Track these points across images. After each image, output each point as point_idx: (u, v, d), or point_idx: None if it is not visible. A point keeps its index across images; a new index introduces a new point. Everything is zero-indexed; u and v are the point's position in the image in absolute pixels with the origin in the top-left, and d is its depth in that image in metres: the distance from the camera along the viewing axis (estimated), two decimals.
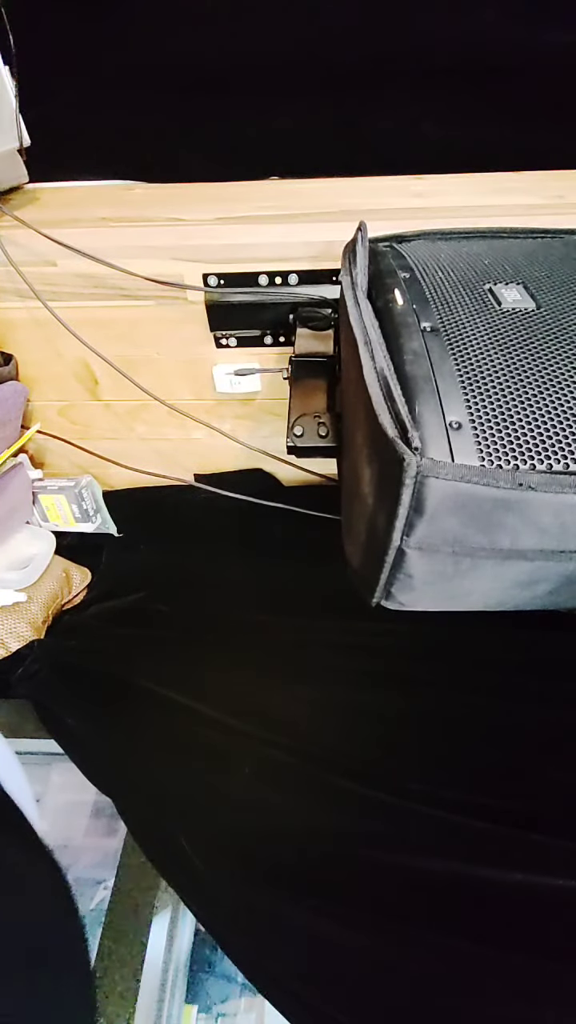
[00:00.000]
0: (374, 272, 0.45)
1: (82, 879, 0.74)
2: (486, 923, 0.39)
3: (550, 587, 0.39)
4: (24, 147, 0.66)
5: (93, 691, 0.65)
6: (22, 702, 0.68)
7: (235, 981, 0.63)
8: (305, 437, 0.55)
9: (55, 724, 0.63)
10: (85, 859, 0.75)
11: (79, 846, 0.77)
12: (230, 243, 0.63)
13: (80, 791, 0.77)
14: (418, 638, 0.64)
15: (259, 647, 0.68)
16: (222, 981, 0.63)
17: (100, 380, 0.76)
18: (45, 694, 0.65)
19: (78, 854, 0.76)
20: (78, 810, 0.79)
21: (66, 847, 0.77)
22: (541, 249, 0.49)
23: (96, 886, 0.72)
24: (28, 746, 0.82)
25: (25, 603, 0.73)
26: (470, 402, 0.34)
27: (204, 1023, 0.61)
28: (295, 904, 0.43)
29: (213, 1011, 0.62)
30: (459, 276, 0.44)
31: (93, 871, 0.74)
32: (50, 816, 0.80)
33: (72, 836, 0.78)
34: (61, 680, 0.66)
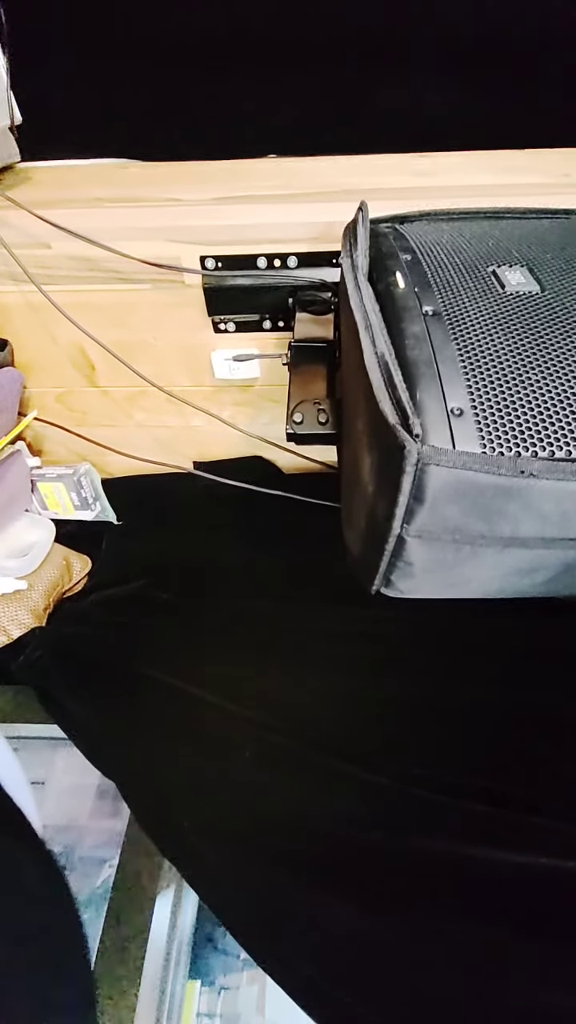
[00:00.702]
0: (375, 254, 0.44)
1: (87, 859, 0.75)
2: (487, 905, 0.40)
3: (550, 575, 0.38)
4: (16, 124, 0.64)
5: (94, 677, 0.65)
6: (24, 688, 0.69)
7: (237, 956, 0.65)
8: (305, 424, 0.54)
9: (57, 710, 0.63)
10: (90, 839, 0.77)
11: (84, 827, 0.78)
12: (228, 224, 0.61)
13: (84, 774, 0.78)
14: (417, 625, 0.64)
15: (258, 634, 0.68)
16: (224, 956, 0.65)
17: (97, 366, 0.75)
18: (47, 680, 0.66)
19: (83, 835, 0.77)
20: (82, 792, 0.81)
21: (71, 828, 0.78)
22: (547, 230, 0.48)
23: (101, 865, 0.74)
24: (32, 731, 0.83)
25: (26, 591, 0.73)
26: (472, 388, 0.34)
27: (207, 996, 0.63)
28: (296, 884, 0.44)
29: (216, 984, 0.64)
30: (462, 258, 0.43)
31: (98, 851, 0.75)
32: (55, 798, 0.82)
33: (77, 817, 0.79)
34: (62, 666, 0.66)
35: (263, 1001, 0.62)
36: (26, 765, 0.88)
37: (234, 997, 0.63)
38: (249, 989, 0.63)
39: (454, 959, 0.38)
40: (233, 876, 0.46)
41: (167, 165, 0.72)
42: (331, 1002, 0.38)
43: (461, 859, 0.42)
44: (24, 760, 0.87)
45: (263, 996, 0.63)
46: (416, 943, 0.39)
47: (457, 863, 0.42)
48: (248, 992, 0.63)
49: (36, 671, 0.67)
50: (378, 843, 0.45)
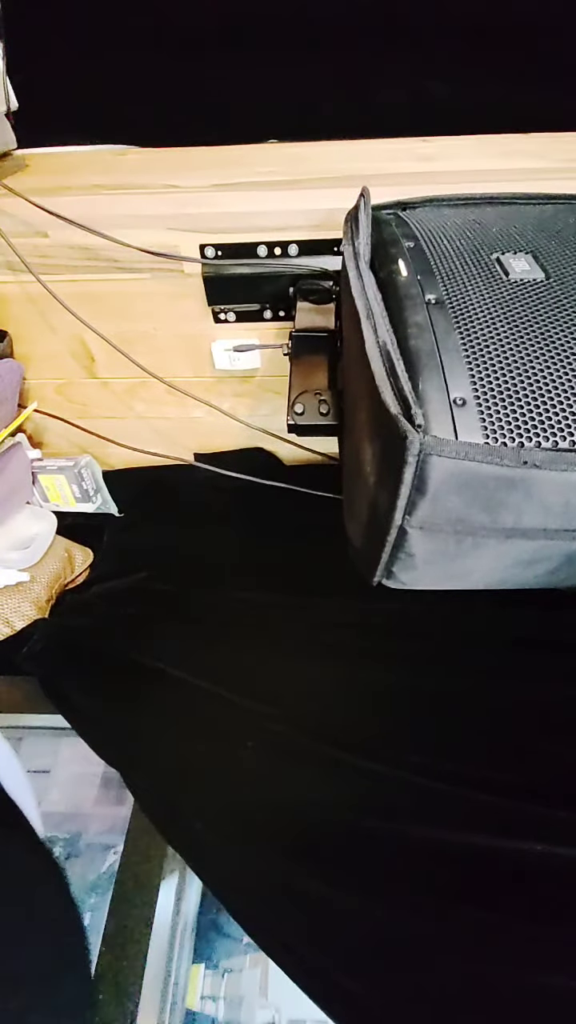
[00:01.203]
0: (377, 241, 0.44)
1: (93, 845, 0.76)
2: (487, 891, 0.41)
3: (552, 566, 0.38)
4: (12, 111, 0.63)
5: (96, 668, 0.66)
6: (29, 678, 0.69)
7: (240, 940, 0.66)
8: (306, 415, 0.54)
9: (61, 700, 0.64)
10: (95, 826, 0.78)
11: (89, 814, 0.79)
12: (227, 211, 0.60)
13: (89, 763, 0.79)
14: (419, 616, 0.65)
15: (259, 625, 0.68)
16: (228, 940, 0.67)
17: (97, 357, 0.75)
18: (50, 671, 0.66)
19: (88, 822, 0.79)
20: (87, 781, 0.82)
21: (76, 815, 0.80)
22: (552, 216, 0.47)
23: (106, 851, 0.75)
24: (37, 720, 0.84)
25: (28, 583, 0.74)
26: (475, 378, 0.33)
27: (211, 979, 0.64)
28: (297, 870, 0.45)
29: (220, 967, 0.65)
30: (466, 245, 0.42)
31: (103, 837, 0.76)
32: (60, 787, 0.83)
33: (82, 805, 0.80)
34: (65, 658, 0.67)
35: (266, 983, 0.64)
36: (31, 754, 0.89)
37: (237, 979, 0.64)
38: (252, 972, 0.65)
39: (453, 944, 0.39)
40: (235, 862, 0.47)
41: (165, 151, 0.71)
42: (331, 985, 0.39)
43: (460, 846, 0.42)
44: (29, 749, 0.88)
45: (266, 978, 0.64)
46: (415, 928, 0.40)
47: (456, 850, 0.42)
48: (251, 975, 0.64)
49: (39, 662, 0.67)
50: (377, 830, 0.46)
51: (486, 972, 0.37)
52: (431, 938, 0.39)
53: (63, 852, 0.76)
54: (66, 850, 0.76)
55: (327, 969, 0.39)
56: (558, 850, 0.41)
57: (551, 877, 0.40)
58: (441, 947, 0.39)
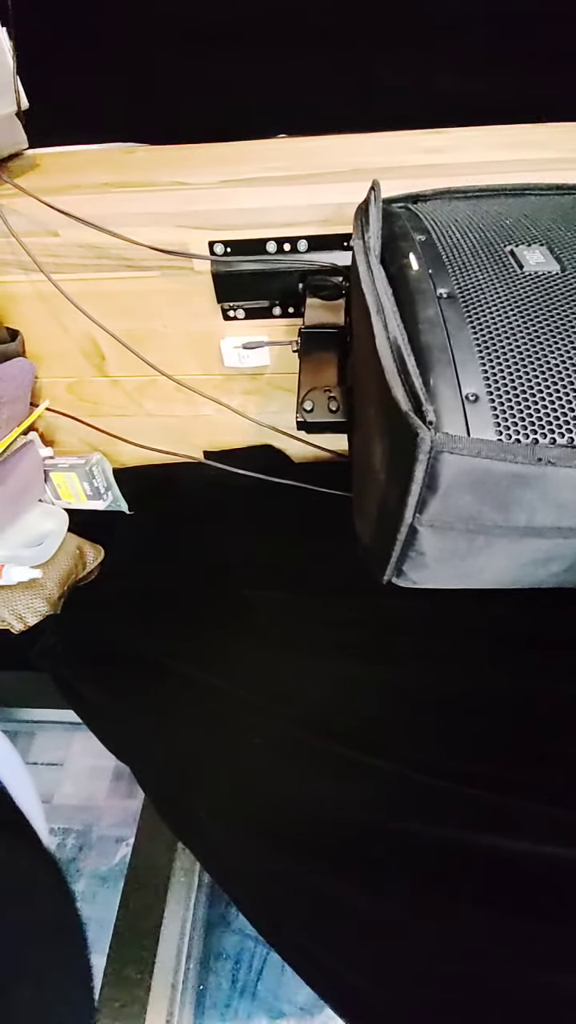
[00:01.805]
0: (388, 235, 0.43)
1: (104, 837, 0.78)
2: (489, 889, 0.40)
3: (566, 564, 0.38)
4: (23, 111, 0.63)
5: (107, 664, 0.66)
6: (42, 674, 0.70)
7: (251, 936, 0.67)
8: (315, 412, 0.54)
9: (73, 695, 0.65)
10: (107, 819, 0.79)
11: (101, 807, 0.80)
12: (236, 207, 0.60)
13: (101, 757, 0.81)
14: (428, 614, 0.64)
15: (268, 622, 0.68)
16: (238, 936, 0.67)
17: (107, 355, 0.75)
18: (62, 667, 0.67)
19: (100, 814, 0.80)
20: (99, 774, 0.83)
21: (88, 808, 0.81)
22: (566, 207, 0.46)
23: (117, 844, 0.76)
24: (50, 715, 0.86)
25: (40, 579, 0.74)
26: (488, 373, 0.33)
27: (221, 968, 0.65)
28: (303, 867, 0.45)
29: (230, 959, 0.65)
30: (478, 238, 0.41)
31: (115, 830, 0.78)
32: (73, 780, 0.84)
33: (94, 798, 0.81)
34: (77, 654, 0.68)
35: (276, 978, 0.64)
36: (44, 748, 0.90)
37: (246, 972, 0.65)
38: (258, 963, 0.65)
39: (459, 942, 0.39)
40: (243, 857, 0.47)
41: (174, 148, 0.71)
42: (337, 980, 0.39)
43: (463, 843, 0.42)
44: (42, 743, 0.90)
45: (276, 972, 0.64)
46: (418, 925, 0.40)
47: (459, 847, 0.42)
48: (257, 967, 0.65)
49: (52, 658, 0.68)
50: (384, 828, 0.46)
51: (492, 970, 0.36)
52: (436, 936, 0.39)
53: (75, 844, 0.77)
54: (78, 842, 0.77)
55: (333, 965, 0.39)
56: (564, 850, 0.40)
57: (556, 876, 0.40)
58: (446, 945, 0.38)
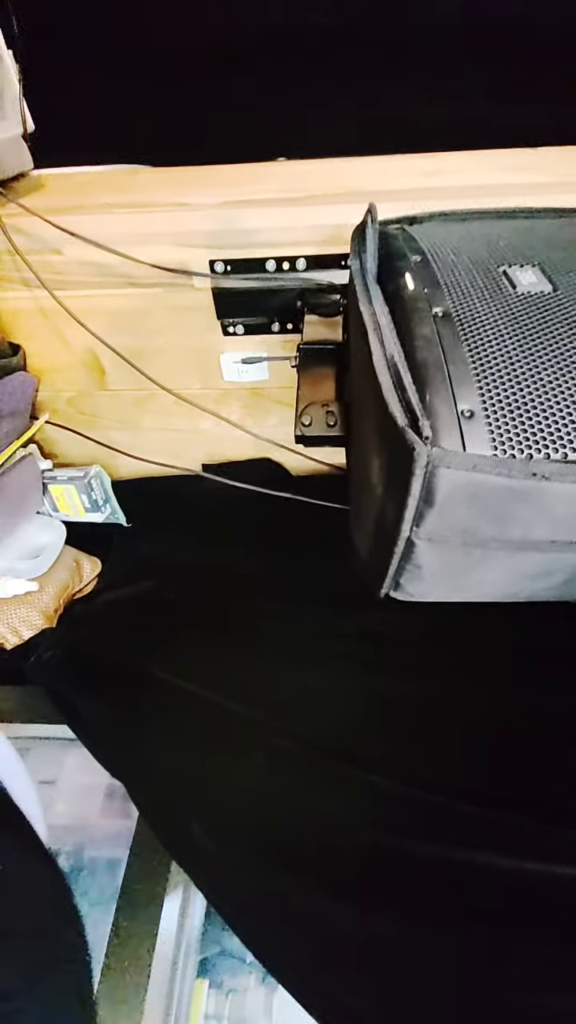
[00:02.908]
0: (384, 256, 0.44)
1: (97, 858, 0.76)
2: (492, 910, 0.40)
3: (563, 578, 0.38)
4: (28, 132, 0.65)
5: (104, 679, 0.66)
6: (36, 688, 0.70)
7: (245, 959, 0.65)
8: (313, 426, 0.54)
9: (67, 710, 0.64)
10: (100, 839, 0.77)
11: (94, 826, 0.79)
12: (236, 228, 0.61)
13: (94, 774, 0.79)
14: (426, 627, 0.64)
15: (267, 636, 0.68)
16: (233, 960, 0.65)
17: (107, 370, 0.76)
18: (58, 681, 0.66)
19: (93, 834, 0.78)
20: (92, 792, 0.81)
21: (81, 828, 0.79)
22: (558, 229, 0.48)
23: (110, 865, 0.74)
24: (43, 731, 0.84)
25: (37, 592, 0.74)
26: (483, 389, 0.33)
27: (215, 998, 0.63)
28: (300, 887, 0.44)
29: (224, 986, 0.63)
30: (472, 259, 0.42)
31: (107, 850, 0.76)
32: (65, 798, 0.82)
33: (87, 817, 0.80)
34: (73, 667, 0.67)
35: (271, 1004, 0.62)
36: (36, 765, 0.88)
37: (242, 1000, 0.63)
38: (257, 992, 0.63)
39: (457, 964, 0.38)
40: (238, 878, 0.46)
41: (176, 170, 0.72)
42: (334, 1004, 0.38)
43: (462, 864, 0.42)
44: (34, 760, 0.88)
45: (271, 999, 0.62)
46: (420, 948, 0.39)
47: (461, 868, 0.41)
48: (256, 995, 0.63)
49: (47, 672, 0.67)
50: (383, 847, 0.45)
51: (491, 993, 0.36)
52: (435, 958, 0.38)
53: (67, 865, 0.75)
54: (70, 863, 0.75)
55: (331, 989, 0.38)
56: (565, 869, 0.40)
57: (558, 897, 0.39)
58: (445, 967, 0.38)
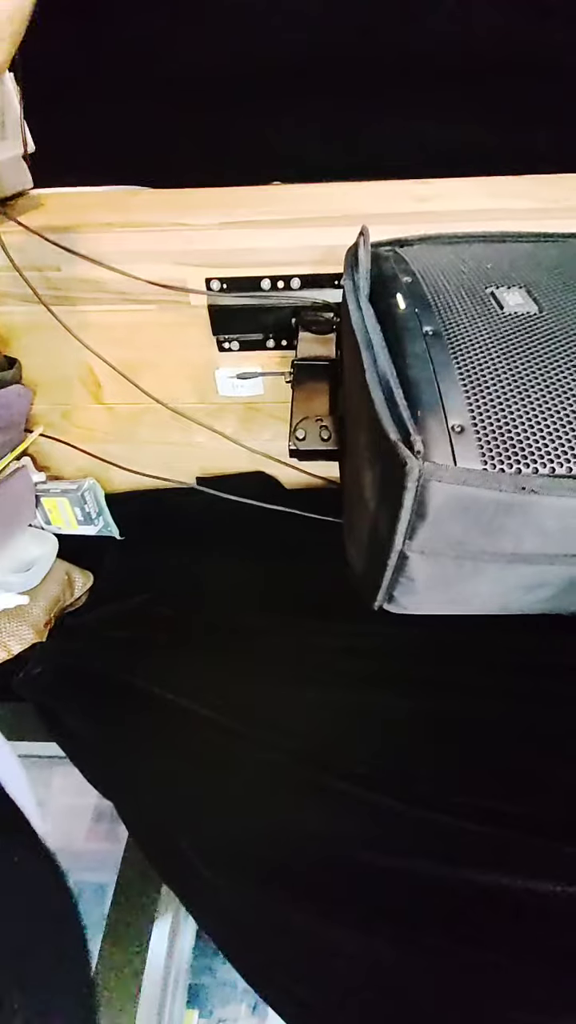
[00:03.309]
0: (376, 276, 0.46)
1: (83, 883, 0.73)
2: (490, 929, 0.39)
3: (553, 591, 0.38)
4: (29, 153, 0.66)
5: (95, 694, 0.65)
6: (23, 704, 0.68)
7: (236, 987, 0.63)
8: (307, 440, 0.55)
9: (57, 727, 0.63)
10: (87, 864, 0.75)
11: (80, 850, 0.76)
12: (233, 248, 0.63)
13: (81, 795, 0.77)
14: (420, 641, 0.64)
15: (261, 650, 0.68)
16: (223, 987, 0.63)
17: (103, 384, 0.77)
18: (47, 697, 0.65)
19: (79, 858, 0.76)
20: (79, 814, 0.79)
21: (67, 851, 0.77)
22: (542, 253, 0.49)
23: (97, 890, 0.72)
24: (29, 749, 0.82)
25: (27, 606, 0.73)
26: (472, 406, 0.34)
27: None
28: (297, 909, 0.43)
29: (214, 1016, 0.61)
30: (461, 280, 0.44)
31: (94, 875, 0.73)
32: (51, 820, 0.80)
33: (73, 840, 0.77)
34: (63, 683, 0.66)
35: None
36: None
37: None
38: (248, 1022, 0.61)
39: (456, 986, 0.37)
40: (231, 898, 0.45)
41: (174, 192, 0.74)
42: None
43: (463, 882, 0.41)
44: None
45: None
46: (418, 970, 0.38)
47: (459, 886, 0.41)
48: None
49: (36, 687, 0.66)
50: (379, 866, 0.44)
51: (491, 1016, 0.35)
52: (434, 980, 0.37)
53: None
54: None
55: (328, 1013, 0.37)
56: (564, 888, 0.39)
57: (557, 916, 0.38)
58: (444, 990, 0.37)
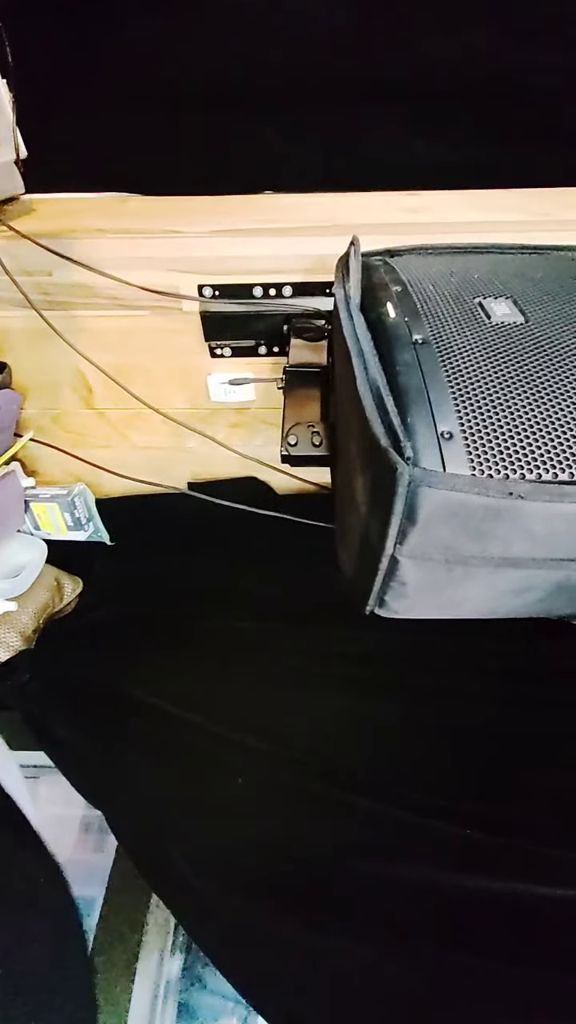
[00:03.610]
0: (367, 285, 0.46)
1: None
2: (482, 934, 0.39)
3: (541, 595, 0.39)
4: (21, 158, 0.67)
5: (84, 701, 0.64)
6: (9, 713, 0.67)
7: (228, 998, 0.62)
8: (299, 446, 0.55)
9: (44, 735, 0.62)
10: (74, 875, 0.73)
11: (67, 862, 0.75)
12: (225, 255, 0.63)
13: (68, 805, 0.76)
14: (412, 646, 0.64)
15: (252, 656, 0.67)
16: (214, 998, 0.62)
17: (94, 388, 0.76)
18: (35, 705, 0.64)
19: (66, 870, 0.74)
20: (66, 825, 0.78)
21: None
22: (529, 264, 0.51)
23: (85, 904, 0.71)
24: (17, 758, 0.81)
25: (15, 612, 0.72)
26: (461, 413, 0.35)
27: None
28: (289, 918, 0.43)
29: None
30: (450, 290, 0.45)
31: (82, 888, 0.72)
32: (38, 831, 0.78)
33: (60, 852, 0.76)
34: (51, 690, 0.65)
35: None
36: None
37: None
38: None
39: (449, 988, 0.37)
40: (221, 908, 0.45)
41: (166, 199, 0.75)
42: None
43: (455, 888, 0.41)
44: None
45: None
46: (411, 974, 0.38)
47: (451, 891, 0.41)
48: None
49: (23, 696, 0.65)
50: (373, 873, 0.44)
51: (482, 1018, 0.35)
52: (429, 988, 0.37)
53: None
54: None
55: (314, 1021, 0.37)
56: (558, 891, 0.40)
57: (551, 918, 0.39)
58: (438, 995, 0.37)
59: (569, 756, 0.51)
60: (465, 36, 0.65)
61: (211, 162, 0.76)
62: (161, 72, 0.70)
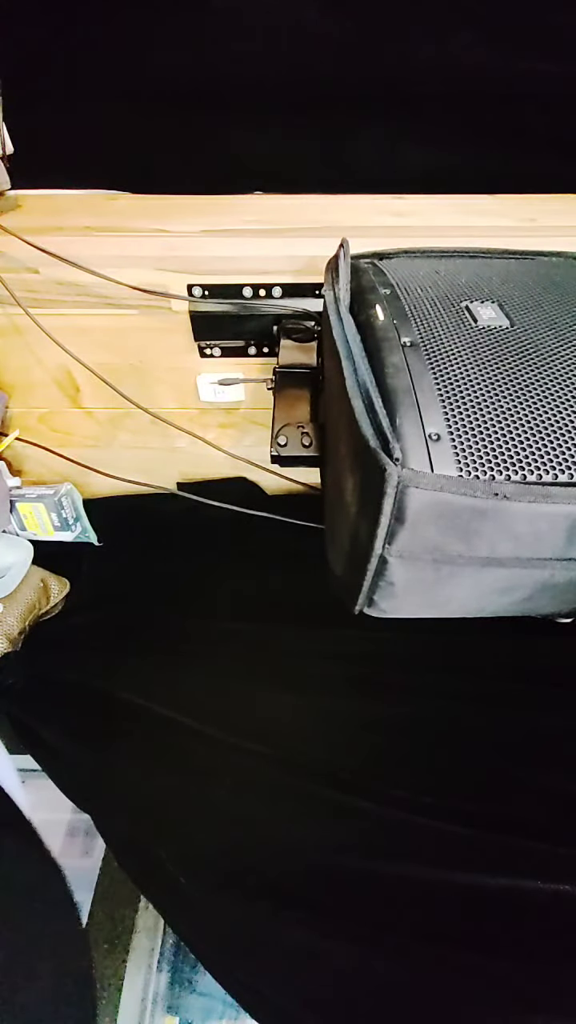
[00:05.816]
0: (356, 288, 0.47)
1: None
2: (472, 930, 0.40)
3: (527, 594, 0.40)
4: (7, 154, 0.66)
5: (71, 704, 0.63)
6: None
7: (217, 999, 0.62)
8: (289, 447, 0.55)
9: (31, 739, 0.61)
10: None
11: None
12: (215, 255, 0.63)
13: (54, 809, 0.75)
14: (401, 645, 0.65)
15: (241, 656, 0.67)
16: (204, 999, 0.62)
17: (82, 388, 0.76)
18: (21, 707, 0.63)
19: None
20: (52, 829, 0.77)
21: None
22: (515, 269, 0.52)
23: None
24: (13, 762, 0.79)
25: (0, 614, 0.71)
26: (448, 415, 0.35)
27: None
28: (280, 918, 0.43)
29: None
30: (437, 293, 0.45)
31: None
32: None
33: None
34: (38, 693, 0.64)
35: None
36: None
37: None
38: None
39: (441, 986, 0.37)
40: (210, 908, 0.44)
41: (156, 198, 0.74)
42: None
43: (445, 885, 0.41)
44: None
45: None
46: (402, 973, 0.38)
47: (441, 889, 0.41)
48: None
49: (9, 698, 0.64)
50: (366, 873, 0.44)
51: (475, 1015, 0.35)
52: (420, 985, 0.37)
53: None
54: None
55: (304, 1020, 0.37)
56: (546, 885, 0.40)
57: (541, 913, 0.39)
58: (430, 993, 0.37)
59: (568, 755, 0.52)
60: (454, 43, 0.66)
61: (200, 162, 0.76)
62: (152, 70, 0.70)
